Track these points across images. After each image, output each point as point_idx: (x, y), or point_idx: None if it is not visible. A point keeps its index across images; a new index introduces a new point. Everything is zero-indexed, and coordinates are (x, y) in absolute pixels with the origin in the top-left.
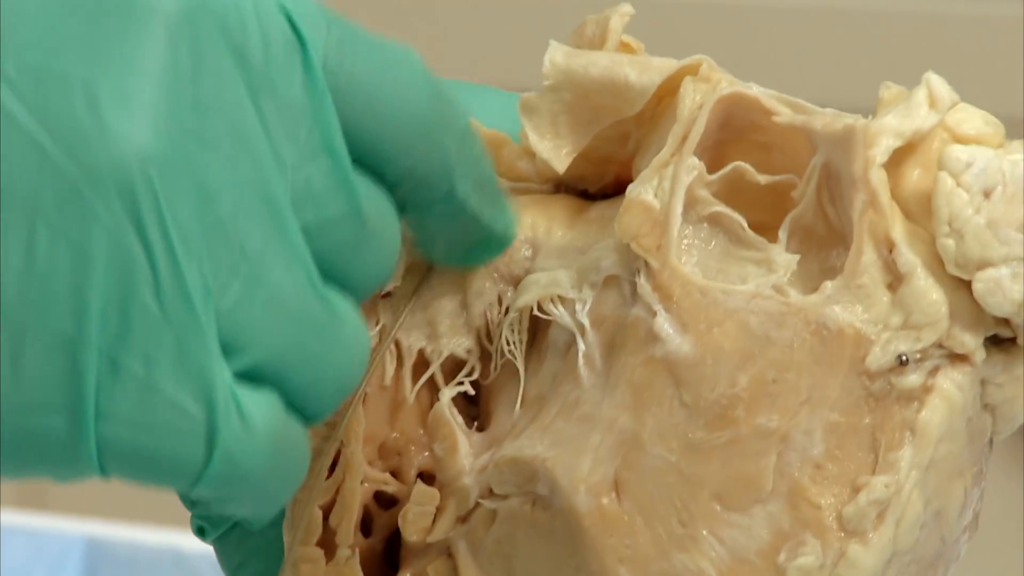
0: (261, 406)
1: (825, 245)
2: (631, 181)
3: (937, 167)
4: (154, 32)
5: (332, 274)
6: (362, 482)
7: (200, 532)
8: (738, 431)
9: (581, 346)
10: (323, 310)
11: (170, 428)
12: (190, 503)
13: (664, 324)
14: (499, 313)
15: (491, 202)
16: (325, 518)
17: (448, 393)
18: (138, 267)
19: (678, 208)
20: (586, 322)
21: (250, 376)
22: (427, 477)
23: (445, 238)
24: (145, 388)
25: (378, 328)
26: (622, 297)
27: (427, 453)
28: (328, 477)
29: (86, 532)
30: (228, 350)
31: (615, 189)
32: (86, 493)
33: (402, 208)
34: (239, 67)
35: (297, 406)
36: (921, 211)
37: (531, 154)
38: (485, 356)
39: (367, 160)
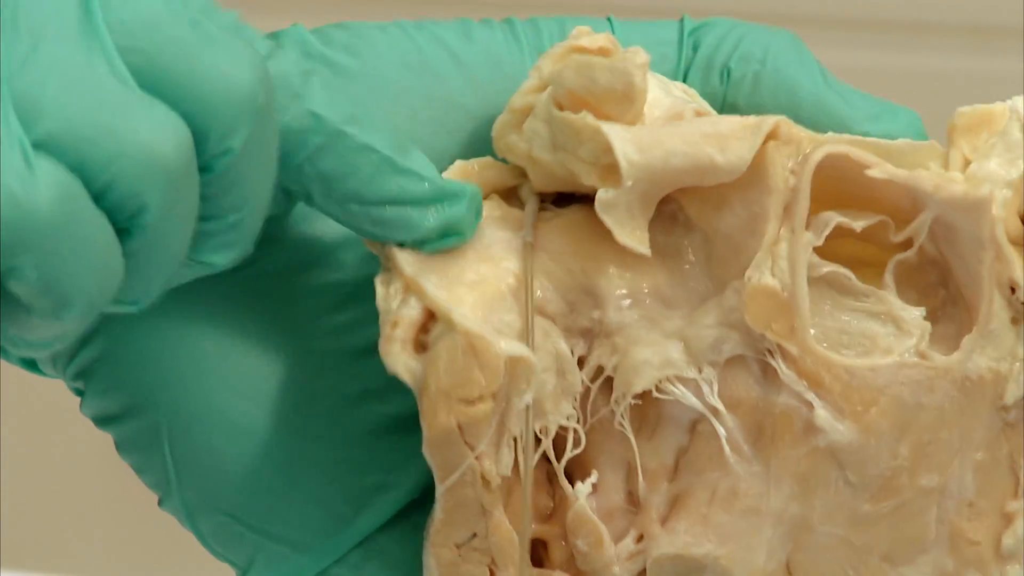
0: (52, 168)
1: (914, 273)
2: None
3: None
4: None
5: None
6: None
7: None
8: (902, 497)
9: (721, 431)
10: (125, 93)
11: None
12: None
13: (824, 415)
14: (586, 375)
15: (372, 221)
16: None
17: (584, 489)
18: None
19: (804, 289)
20: (719, 404)
21: (47, 147)
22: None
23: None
24: None
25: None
26: (753, 377)
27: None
28: None
29: None
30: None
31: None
32: None
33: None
34: None
35: (99, 194)
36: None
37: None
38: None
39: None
